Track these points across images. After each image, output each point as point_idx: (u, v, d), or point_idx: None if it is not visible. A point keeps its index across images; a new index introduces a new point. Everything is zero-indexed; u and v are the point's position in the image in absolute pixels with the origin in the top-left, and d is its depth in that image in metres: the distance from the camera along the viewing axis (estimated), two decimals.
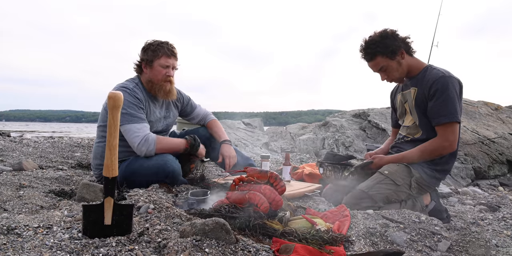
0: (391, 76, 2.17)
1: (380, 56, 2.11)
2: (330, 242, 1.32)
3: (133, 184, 2.12)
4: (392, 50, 2.09)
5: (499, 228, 2.11)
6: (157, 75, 2.33)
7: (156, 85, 2.35)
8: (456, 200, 3.10)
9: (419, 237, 1.48)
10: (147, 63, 2.34)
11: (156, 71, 2.32)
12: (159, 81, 2.34)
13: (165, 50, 2.31)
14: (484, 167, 5.06)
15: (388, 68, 2.14)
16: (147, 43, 2.36)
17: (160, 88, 2.35)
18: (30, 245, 1.15)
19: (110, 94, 1.25)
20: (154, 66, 2.32)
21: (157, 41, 2.35)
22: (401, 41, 2.13)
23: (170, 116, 2.58)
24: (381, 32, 2.13)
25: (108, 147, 1.27)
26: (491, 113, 6.53)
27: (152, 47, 2.32)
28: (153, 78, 2.34)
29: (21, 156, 3.50)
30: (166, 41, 2.36)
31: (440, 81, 2.02)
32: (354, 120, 7.60)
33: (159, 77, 2.33)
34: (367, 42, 2.14)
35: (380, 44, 2.09)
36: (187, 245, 1.14)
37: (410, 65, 2.18)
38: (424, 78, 2.11)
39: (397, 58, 2.12)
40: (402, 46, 2.12)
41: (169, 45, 2.34)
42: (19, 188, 2.11)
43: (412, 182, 2.08)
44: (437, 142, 2.04)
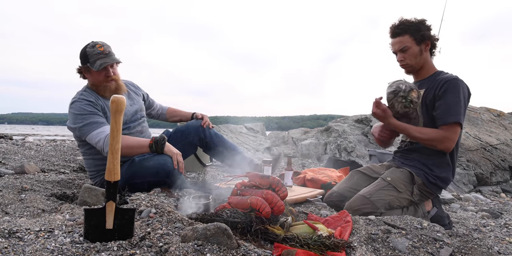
0: (408, 60, 2.18)
1: (409, 35, 2.14)
2: (332, 248, 1.32)
3: (135, 187, 2.12)
4: (422, 35, 2.12)
5: (501, 235, 2.09)
6: (97, 78, 2.31)
7: (100, 87, 2.34)
8: (458, 206, 3.09)
9: (421, 244, 1.47)
10: (85, 69, 2.33)
11: (95, 75, 2.30)
12: (101, 83, 2.33)
13: (97, 52, 2.26)
14: (486, 174, 5.04)
15: (409, 50, 2.15)
16: (81, 50, 2.32)
17: (105, 89, 2.34)
18: (32, 249, 1.15)
19: (113, 98, 1.26)
20: (92, 71, 2.29)
21: (88, 44, 2.30)
22: (432, 36, 2.16)
23: (134, 103, 2.56)
24: (420, 19, 2.17)
25: (111, 151, 1.27)
26: (493, 120, 6.52)
27: (84, 53, 2.28)
28: (95, 82, 2.33)
29: (23, 159, 3.51)
30: (96, 42, 2.31)
31: (452, 82, 2.02)
32: (356, 125, 7.60)
33: (100, 80, 2.31)
34: (403, 20, 2.18)
35: (415, 25, 2.13)
36: (189, 250, 1.14)
37: (427, 62, 2.19)
38: (435, 80, 2.11)
39: (422, 45, 2.14)
40: (430, 39, 2.15)
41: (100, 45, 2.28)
42: (20, 192, 2.12)
43: (414, 189, 2.07)
44: (440, 135, 2.02)
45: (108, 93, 2.34)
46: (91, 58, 2.26)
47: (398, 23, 2.18)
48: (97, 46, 2.27)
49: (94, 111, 2.25)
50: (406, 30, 2.14)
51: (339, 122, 7.94)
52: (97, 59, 2.25)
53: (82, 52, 2.29)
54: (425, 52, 2.17)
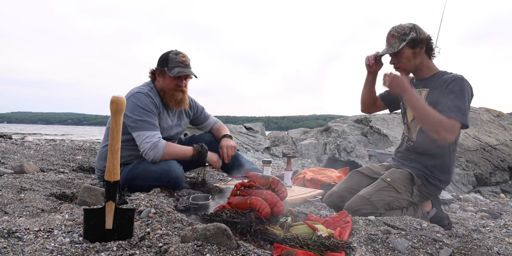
0: (401, 64, 2.17)
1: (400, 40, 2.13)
2: (331, 248, 1.32)
3: (135, 188, 2.12)
4: (413, 39, 2.10)
5: (500, 236, 2.10)
6: (169, 84, 2.33)
7: (168, 94, 2.36)
8: (458, 206, 3.09)
9: (420, 244, 1.47)
10: (160, 72, 2.35)
11: (168, 81, 2.33)
12: (170, 90, 2.35)
13: (178, 60, 2.31)
14: (486, 174, 5.05)
15: (402, 55, 2.15)
16: (163, 53, 2.37)
17: (171, 97, 2.36)
18: (31, 249, 1.14)
19: (113, 98, 1.26)
20: (166, 76, 2.32)
21: (172, 51, 2.36)
22: (426, 39, 2.14)
23: (181, 124, 2.59)
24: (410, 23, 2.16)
25: (110, 151, 1.27)
26: (492, 120, 6.53)
27: (166, 57, 2.32)
28: (165, 87, 2.35)
29: (23, 158, 3.51)
30: (180, 51, 2.37)
31: (459, 81, 2.00)
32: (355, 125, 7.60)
33: (170, 87, 2.34)
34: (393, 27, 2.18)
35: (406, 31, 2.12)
36: (188, 250, 1.14)
37: (424, 64, 2.18)
38: (440, 79, 2.09)
39: (415, 49, 2.13)
40: (424, 42, 2.14)
41: (183, 55, 2.35)
42: (20, 191, 2.11)
43: (414, 189, 2.07)
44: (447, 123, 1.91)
45: (173, 103, 2.38)
46: (170, 63, 2.30)
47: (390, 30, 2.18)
48: (180, 55, 2.33)
49: (154, 111, 2.28)
50: (397, 37, 2.13)
51: (338, 122, 7.95)
52: (176, 66, 2.30)
53: (164, 56, 2.34)
54: (420, 55, 2.15)
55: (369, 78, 2.43)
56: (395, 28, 2.16)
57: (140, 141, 2.19)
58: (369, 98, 2.50)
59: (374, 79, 2.44)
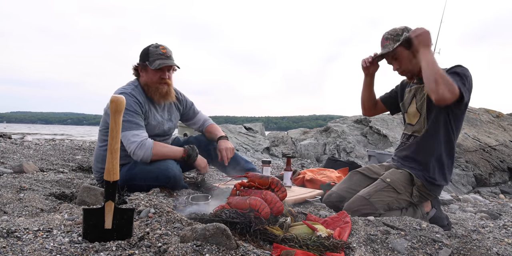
0: (403, 66, 2.16)
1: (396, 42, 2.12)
2: (331, 249, 1.32)
3: (134, 188, 2.12)
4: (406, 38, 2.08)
5: (500, 236, 2.10)
6: (152, 78, 2.32)
7: (151, 87, 2.34)
8: (457, 207, 3.09)
9: (420, 245, 1.47)
10: (142, 67, 2.34)
11: (151, 74, 2.32)
12: (154, 83, 2.33)
13: (159, 53, 2.29)
14: (485, 175, 5.05)
15: (399, 57, 2.14)
16: (144, 48, 2.36)
17: (156, 91, 2.34)
18: (30, 249, 1.14)
19: (113, 98, 1.26)
20: (148, 69, 2.31)
21: (152, 44, 2.34)
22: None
23: (171, 119, 2.57)
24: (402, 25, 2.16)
25: (110, 151, 1.27)
26: (492, 121, 6.53)
27: (146, 51, 2.31)
28: (148, 81, 2.33)
29: (22, 158, 3.51)
30: (160, 44, 2.35)
31: (460, 67, 2.01)
32: (355, 126, 7.61)
33: (154, 80, 2.32)
34: (387, 31, 2.18)
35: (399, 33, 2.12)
36: (188, 250, 1.14)
37: None
38: None
39: (412, 49, 2.11)
40: None
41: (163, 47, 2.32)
42: (19, 191, 2.11)
43: (413, 190, 2.07)
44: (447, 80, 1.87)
45: (158, 96, 2.36)
46: (151, 56, 2.29)
47: (383, 34, 2.18)
48: (160, 48, 2.32)
49: (139, 112, 2.25)
50: (391, 39, 2.13)
51: (338, 122, 7.95)
52: (157, 59, 2.28)
53: (144, 50, 2.33)
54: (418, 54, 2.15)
55: (367, 81, 2.43)
56: (388, 31, 2.17)
57: (126, 142, 2.17)
58: (369, 101, 2.50)
59: (372, 82, 2.45)
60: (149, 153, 2.17)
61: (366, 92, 2.48)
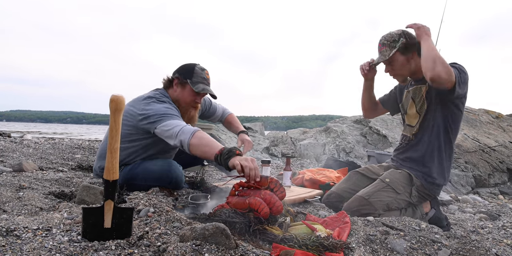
0: (396, 70, 2.17)
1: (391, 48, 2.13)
2: (330, 249, 1.32)
3: (134, 188, 2.11)
4: (404, 44, 2.10)
5: (499, 237, 2.10)
6: (186, 97, 2.27)
7: (182, 107, 2.29)
8: (456, 208, 3.09)
9: (419, 245, 1.47)
10: (181, 82, 2.26)
11: (187, 93, 2.26)
12: (186, 104, 2.29)
13: (203, 77, 2.26)
14: (484, 175, 5.05)
15: (394, 62, 2.14)
16: (188, 64, 2.31)
17: (184, 111, 2.30)
18: (29, 247, 1.14)
19: (112, 97, 1.26)
20: (187, 88, 2.25)
21: (197, 64, 2.30)
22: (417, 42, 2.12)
23: None
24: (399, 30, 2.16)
25: (109, 150, 1.27)
26: (492, 121, 6.53)
27: (191, 69, 2.26)
28: (181, 99, 2.28)
29: (21, 157, 3.50)
30: (205, 67, 2.33)
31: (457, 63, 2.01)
32: (355, 126, 7.61)
33: (187, 100, 2.27)
34: (383, 35, 2.18)
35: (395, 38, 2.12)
36: (187, 249, 1.14)
37: (418, 67, 2.16)
38: None
39: (408, 55, 2.13)
40: (415, 46, 2.13)
41: (208, 72, 2.32)
42: (18, 190, 2.11)
43: (412, 190, 2.07)
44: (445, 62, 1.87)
45: (186, 118, 2.31)
46: (195, 77, 2.24)
47: (380, 39, 2.19)
48: (205, 72, 2.30)
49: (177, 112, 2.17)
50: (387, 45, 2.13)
51: (338, 122, 7.95)
52: (200, 82, 2.25)
53: (189, 68, 2.27)
54: (413, 60, 2.14)
55: (366, 85, 2.45)
56: (384, 36, 2.17)
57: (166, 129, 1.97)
58: (370, 103, 2.51)
59: (372, 85, 2.46)
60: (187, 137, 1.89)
61: (366, 95, 2.48)
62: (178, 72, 2.29)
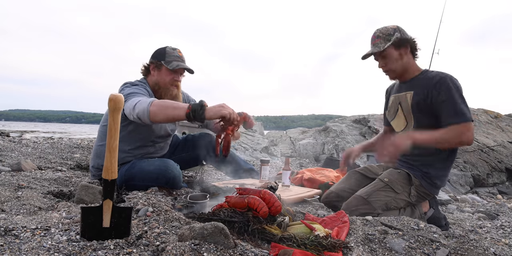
0: (389, 65, 2.18)
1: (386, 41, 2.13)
2: (328, 248, 1.32)
3: (132, 188, 2.11)
4: (399, 39, 2.11)
5: (497, 236, 2.10)
6: (165, 78, 2.31)
7: (163, 88, 2.33)
8: (455, 207, 3.10)
9: (417, 244, 1.47)
10: (156, 65, 2.32)
11: (164, 74, 2.30)
12: (166, 84, 2.32)
13: (176, 55, 2.31)
14: (483, 175, 5.06)
15: (388, 56, 2.15)
16: (159, 48, 2.35)
17: (166, 92, 2.33)
18: (28, 247, 1.14)
19: (111, 96, 1.26)
20: (163, 69, 2.30)
21: (167, 46, 2.35)
22: (410, 39, 2.16)
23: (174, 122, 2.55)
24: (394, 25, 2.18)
25: (108, 149, 1.27)
26: (490, 121, 6.54)
27: (163, 51, 2.31)
28: (160, 81, 2.32)
29: (20, 156, 3.50)
30: (176, 48, 2.36)
31: (448, 81, 2.01)
32: (354, 125, 7.61)
33: (166, 80, 2.31)
34: (378, 29, 2.19)
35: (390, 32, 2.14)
36: (186, 249, 1.14)
37: (410, 64, 2.18)
38: (425, 79, 2.11)
39: (401, 49, 2.14)
40: (409, 43, 2.15)
41: (180, 51, 2.36)
42: (17, 189, 2.11)
43: (411, 190, 2.07)
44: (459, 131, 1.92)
45: (167, 98, 2.32)
46: (168, 57, 2.29)
47: (374, 32, 2.19)
48: (177, 50, 2.34)
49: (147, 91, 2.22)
50: (382, 38, 2.14)
51: (337, 122, 7.96)
52: (174, 60, 2.29)
53: (161, 50, 2.33)
54: (406, 55, 2.16)
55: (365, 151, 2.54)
56: (379, 29, 2.18)
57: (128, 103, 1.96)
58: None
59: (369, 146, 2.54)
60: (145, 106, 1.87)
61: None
62: (152, 57, 2.35)
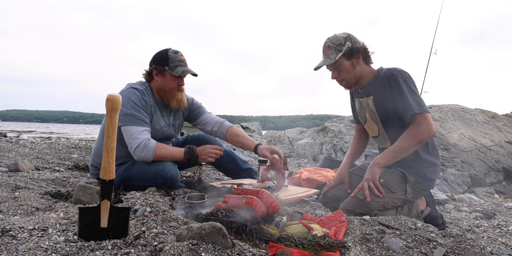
0: (342, 76, 2.17)
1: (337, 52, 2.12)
2: (326, 248, 1.32)
3: (130, 188, 2.11)
4: (350, 49, 2.10)
5: (494, 236, 2.11)
6: (170, 84, 2.29)
7: (169, 93, 2.32)
8: (452, 207, 3.11)
9: (414, 244, 1.48)
10: (159, 71, 2.29)
11: (169, 80, 2.29)
12: (172, 89, 2.31)
13: (179, 59, 2.28)
14: (480, 175, 5.08)
15: (340, 67, 2.15)
16: (160, 51, 2.32)
17: (172, 97, 2.33)
18: (25, 248, 1.14)
19: (109, 96, 1.25)
20: (167, 75, 2.28)
21: (169, 49, 2.31)
22: (361, 47, 2.14)
23: (176, 124, 2.54)
24: (344, 33, 2.15)
25: (106, 149, 1.27)
26: (488, 121, 6.56)
27: (165, 56, 2.28)
28: (165, 86, 2.30)
29: (17, 156, 3.49)
30: (178, 50, 2.34)
31: (396, 76, 2.03)
32: (352, 125, 7.62)
33: (171, 86, 2.30)
34: (329, 38, 2.16)
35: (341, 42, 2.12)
36: (184, 249, 1.14)
37: (364, 72, 2.18)
38: (376, 84, 2.14)
39: (353, 59, 2.13)
40: (361, 51, 2.14)
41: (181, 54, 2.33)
42: (14, 189, 2.10)
43: (407, 187, 2.08)
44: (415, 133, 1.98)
45: (175, 102, 2.35)
46: (171, 62, 2.26)
47: (325, 41, 2.17)
48: (179, 54, 2.31)
49: (145, 109, 2.23)
50: (333, 48, 2.13)
51: (335, 122, 7.97)
52: (178, 65, 2.26)
53: (162, 55, 2.29)
54: (358, 65, 2.16)
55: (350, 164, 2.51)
56: (330, 39, 2.16)
57: (128, 137, 2.14)
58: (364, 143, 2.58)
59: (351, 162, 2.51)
60: (150, 155, 2.14)
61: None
62: (154, 61, 2.32)
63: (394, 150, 2.04)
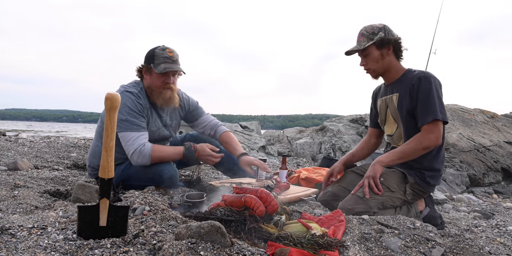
0: (369, 64, 2.19)
1: (369, 40, 2.13)
2: (325, 247, 1.33)
3: (129, 188, 2.11)
4: (381, 39, 2.11)
5: (492, 236, 2.12)
6: (156, 82, 2.26)
7: (155, 91, 2.28)
8: (451, 206, 3.12)
9: (413, 243, 1.48)
10: (146, 69, 2.28)
11: (155, 78, 2.25)
12: (157, 88, 2.27)
13: (165, 56, 2.23)
14: (479, 175, 5.09)
15: (370, 55, 2.16)
16: (150, 49, 2.30)
17: (158, 95, 2.28)
18: (24, 246, 1.14)
19: (107, 95, 1.25)
20: (153, 72, 2.25)
21: (158, 46, 2.28)
22: (394, 39, 2.15)
23: (172, 124, 2.53)
24: (381, 24, 2.17)
25: (105, 148, 1.27)
26: (487, 121, 6.57)
27: (152, 53, 2.25)
28: (152, 84, 2.28)
29: (17, 155, 3.49)
30: (168, 46, 2.29)
31: (423, 80, 2.04)
32: (351, 125, 7.63)
33: (157, 84, 2.26)
34: (364, 27, 2.19)
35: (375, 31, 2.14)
36: (182, 247, 1.14)
37: (392, 65, 2.19)
38: (406, 80, 2.13)
39: (383, 49, 2.14)
40: (392, 43, 2.15)
41: (170, 50, 2.26)
42: (13, 188, 2.10)
43: (407, 188, 2.08)
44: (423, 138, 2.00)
45: (161, 101, 2.30)
46: (156, 59, 2.22)
47: (361, 29, 2.19)
48: (167, 51, 2.25)
49: (141, 113, 2.22)
50: (366, 36, 2.14)
51: (334, 121, 7.97)
52: (162, 62, 2.22)
53: (150, 52, 2.27)
54: (388, 56, 2.16)
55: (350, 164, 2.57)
56: (365, 27, 2.18)
57: (124, 142, 2.14)
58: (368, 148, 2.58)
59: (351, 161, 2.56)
60: (147, 160, 2.14)
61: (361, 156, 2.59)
62: (144, 60, 2.31)
63: (400, 151, 2.06)
